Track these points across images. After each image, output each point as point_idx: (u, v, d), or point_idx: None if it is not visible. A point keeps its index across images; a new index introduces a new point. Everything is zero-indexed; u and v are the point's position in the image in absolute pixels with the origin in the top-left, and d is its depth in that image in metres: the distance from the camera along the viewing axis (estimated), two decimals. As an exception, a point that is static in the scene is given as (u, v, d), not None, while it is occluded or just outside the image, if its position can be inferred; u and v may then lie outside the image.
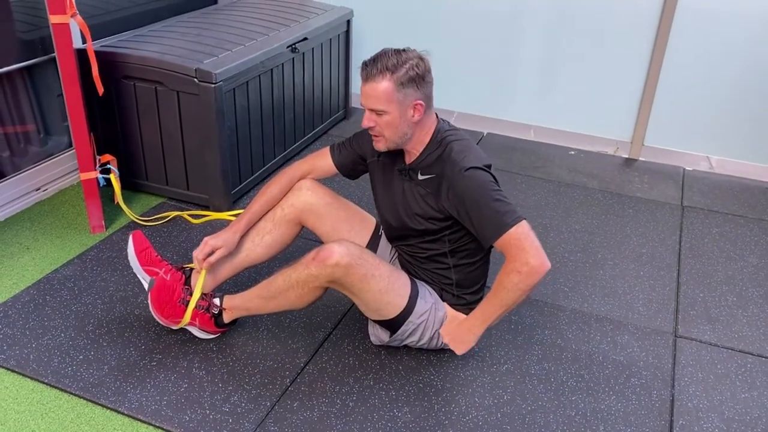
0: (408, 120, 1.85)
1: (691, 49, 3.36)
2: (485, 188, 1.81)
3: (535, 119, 3.84)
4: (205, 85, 2.65)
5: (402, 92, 1.80)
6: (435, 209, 1.91)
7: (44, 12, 2.39)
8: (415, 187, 1.95)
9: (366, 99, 1.84)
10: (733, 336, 2.29)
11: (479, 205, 1.80)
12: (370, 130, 1.90)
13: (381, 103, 1.81)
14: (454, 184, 1.84)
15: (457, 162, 1.84)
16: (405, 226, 2.00)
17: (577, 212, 3.05)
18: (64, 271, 2.47)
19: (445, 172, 1.86)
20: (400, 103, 1.82)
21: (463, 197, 1.82)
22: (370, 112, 1.85)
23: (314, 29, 3.33)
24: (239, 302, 2.07)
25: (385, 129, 1.86)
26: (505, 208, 1.79)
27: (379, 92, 1.80)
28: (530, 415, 1.94)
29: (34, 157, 2.95)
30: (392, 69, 1.79)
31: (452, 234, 1.95)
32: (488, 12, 3.66)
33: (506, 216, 1.78)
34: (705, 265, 2.68)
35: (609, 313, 2.38)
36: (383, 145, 1.91)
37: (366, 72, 1.82)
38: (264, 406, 1.92)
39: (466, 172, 1.82)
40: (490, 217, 1.79)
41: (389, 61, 1.80)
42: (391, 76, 1.79)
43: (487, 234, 1.81)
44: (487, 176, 1.84)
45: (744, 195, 3.27)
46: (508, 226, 1.77)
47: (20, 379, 1.99)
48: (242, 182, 3.01)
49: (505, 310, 1.87)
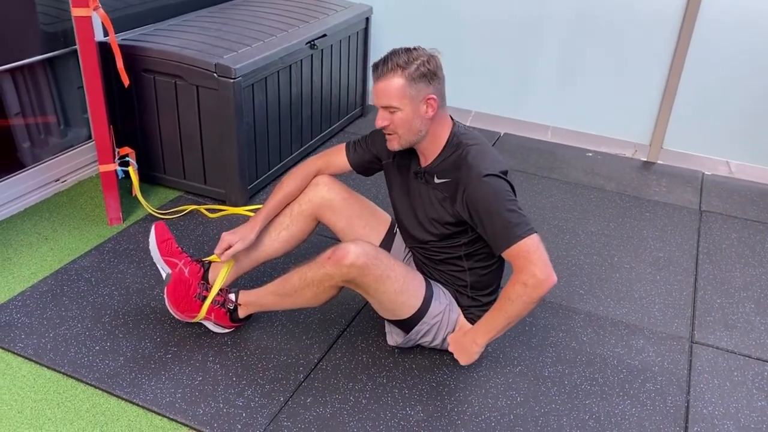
0: (421, 116, 1.84)
1: (713, 53, 3.33)
2: (500, 197, 1.80)
3: (552, 120, 3.82)
4: (225, 80, 2.66)
5: (414, 87, 1.80)
6: (450, 214, 1.90)
7: (67, 5, 2.42)
8: (432, 190, 1.94)
9: (379, 97, 1.84)
10: (751, 343, 2.27)
11: (492, 214, 1.80)
12: (383, 130, 1.89)
13: (394, 99, 1.81)
14: (469, 189, 1.82)
15: (474, 167, 1.83)
16: (423, 229, 1.99)
17: (594, 214, 3.03)
18: (81, 261, 2.49)
19: (461, 177, 1.85)
20: (413, 99, 1.81)
21: (477, 204, 1.82)
22: (383, 110, 1.84)
23: (333, 26, 3.33)
24: (254, 298, 2.08)
25: (399, 126, 1.84)
26: (517, 220, 1.79)
27: (391, 89, 1.80)
28: (543, 417, 1.93)
29: (54, 148, 2.98)
30: (403, 65, 1.79)
31: (468, 238, 1.94)
32: (508, 12, 3.65)
33: (518, 228, 1.78)
34: (723, 271, 2.66)
35: (624, 316, 2.37)
36: (397, 144, 1.89)
37: (378, 71, 1.82)
38: (277, 401, 1.93)
39: (484, 178, 1.80)
40: (501, 226, 1.79)
41: (400, 58, 1.80)
42: (403, 72, 1.79)
43: (498, 243, 1.82)
44: (503, 184, 1.83)
45: (763, 200, 3.23)
46: (519, 237, 1.77)
47: (37, 368, 2.01)
48: (259, 177, 3.02)
49: (509, 322, 1.87)
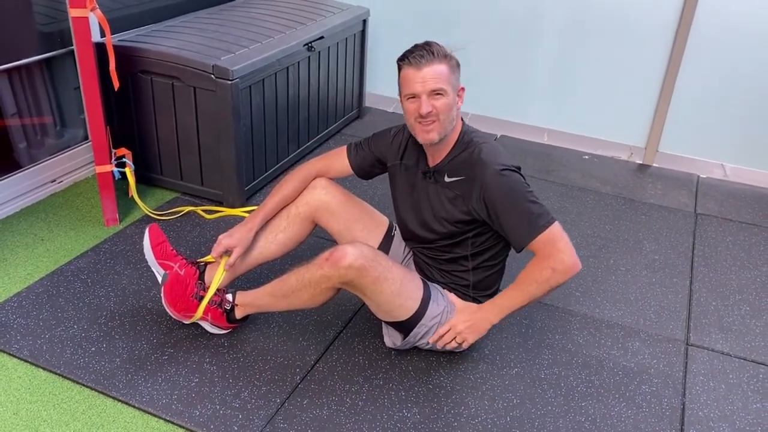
0: (456, 106, 1.88)
1: (709, 56, 3.34)
2: (520, 190, 1.83)
3: (549, 123, 3.83)
4: (222, 82, 2.66)
5: (454, 76, 1.85)
6: (463, 212, 1.90)
7: (64, 5, 2.41)
8: (442, 189, 1.94)
9: (425, 81, 1.80)
10: (746, 346, 2.28)
11: (513, 208, 1.82)
12: (426, 117, 1.83)
13: (442, 82, 1.81)
14: (487, 185, 1.83)
15: (489, 164, 1.84)
16: (430, 229, 1.99)
17: (590, 217, 3.04)
18: (77, 263, 2.49)
19: (476, 174, 1.86)
20: (453, 87, 1.85)
21: (496, 199, 1.83)
22: (428, 95, 1.82)
23: (330, 28, 3.33)
24: (252, 299, 2.08)
25: (442, 113, 1.83)
26: (539, 210, 1.82)
27: (440, 73, 1.81)
28: (539, 419, 1.94)
29: (50, 148, 2.97)
30: (444, 54, 1.83)
31: (476, 237, 1.95)
32: (504, 15, 3.66)
33: (540, 218, 1.81)
34: (718, 274, 2.67)
35: (620, 319, 2.38)
36: (436, 133, 1.85)
37: (421, 58, 1.80)
38: (274, 403, 1.93)
39: (502, 172, 1.83)
40: (525, 219, 1.81)
41: (438, 47, 1.83)
42: (445, 60, 1.82)
43: (521, 236, 1.82)
44: (520, 178, 1.86)
45: (758, 204, 3.24)
46: (543, 227, 1.80)
47: (33, 369, 2.01)
48: (256, 179, 3.02)
49: (526, 303, 1.88)
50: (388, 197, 2.20)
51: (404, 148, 2.06)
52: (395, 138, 2.09)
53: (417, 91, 1.82)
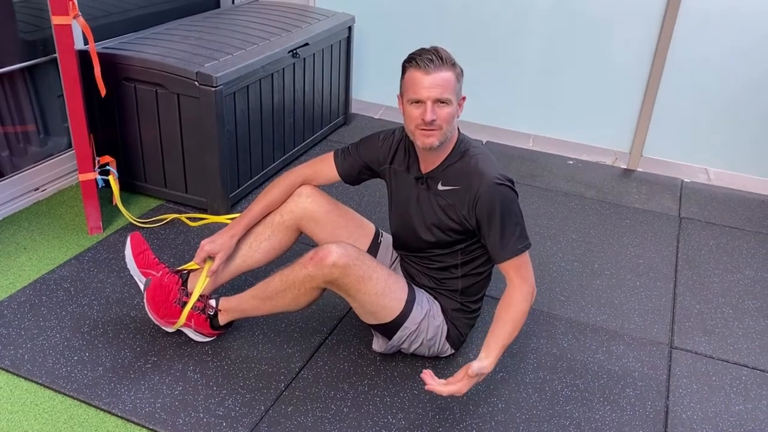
0: (457, 115, 1.86)
1: (691, 61, 3.38)
2: (511, 208, 1.84)
3: (534, 128, 3.85)
4: (206, 89, 2.65)
5: (459, 84, 1.82)
6: (455, 221, 1.90)
7: (46, 13, 2.40)
8: (434, 197, 1.93)
9: (433, 89, 1.76)
10: (729, 348, 2.29)
11: (501, 223, 1.83)
12: (430, 124, 1.80)
13: (448, 91, 1.78)
14: (481, 195, 1.83)
15: (487, 175, 1.84)
16: (417, 236, 1.99)
17: (575, 222, 3.05)
18: (60, 271, 2.47)
19: (472, 184, 1.85)
20: (457, 96, 1.83)
21: (488, 211, 1.83)
22: (433, 103, 1.78)
23: (315, 35, 3.34)
24: (235, 303, 2.07)
25: (445, 122, 1.80)
26: (522, 233, 1.86)
27: (447, 81, 1.78)
28: (524, 424, 1.94)
29: (33, 157, 2.95)
30: (452, 61, 1.80)
31: (467, 246, 1.95)
32: (489, 21, 3.68)
33: (519, 241, 1.84)
34: (701, 277, 2.69)
35: (605, 322, 2.39)
36: (437, 140, 1.83)
37: (431, 63, 1.76)
38: (258, 411, 1.92)
39: (498, 187, 1.83)
40: (508, 237, 1.84)
41: (446, 54, 1.79)
42: (452, 68, 1.79)
43: (501, 253, 1.85)
44: (513, 195, 1.86)
45: (741, 207, 3.27)
46: (522, 250, 1.84)
47: (14, 379, 1.99)
48: (241, 186, 3.02)
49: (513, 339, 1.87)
50: (375, 203, 2.20)
51: (393, 153, 2.04)
52: (384, 142, 2.06)
53: (423, 96, 1.77)
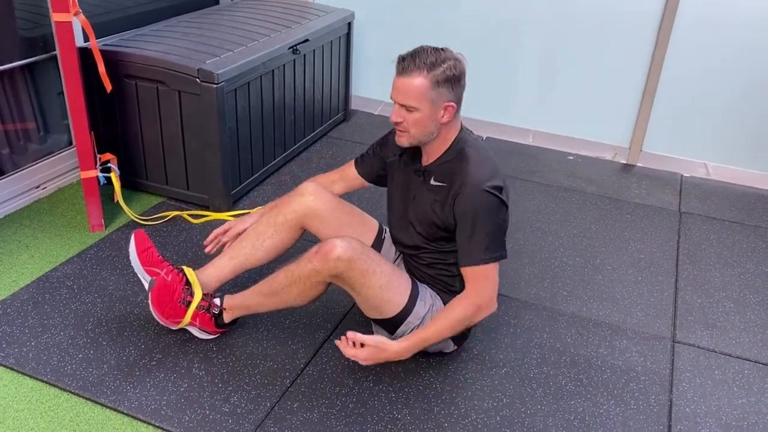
0: (437, 120, 1.83)
1: (690, 56, 3.38)
2: (489, 215, 1.83)
3: (534, 124, 3.85)
4: (207, 86, 2.65)
5: (436, 91, 1.77)
6: (439, 217, 1.91)
7: (46, 10, 2.40)
8: (427, 191, 1.95)
9: (397, 93, 1.80)
10: (731, 342, 2.31)
11: (474, 228, 1.83)
12: (396, 125, 1.86)
13: (412, 99, 1.78)
14: (461, 198, 1.83)
15: (470, 177, 1.83)
16: (409, 230, 2.00)
17: (576, 217, 3.06)
18: (63, 269, 2.47)
19: (455, 182, 1.86)
20: (432, 102, 1.79)
21: (463, 213, 1.84)
22: (399, 107, 1.82)
23: (315, 31, 3.33)
24: (240, 301, 2.08)
25: (412, 126, 1.83)
26: (495, 243, 1.84)
27: (412, 88, 1.77)
28: (529, 418, 1.95)
29: (34, 154, 2.94)
30: (430, 66, 1.76)
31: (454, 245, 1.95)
32: (489, 17, 3.68)
33: (489, 251, 1.83)
34: (702, 271, 2.70)
35: (607, 317, 2.39)
36: (406, 141, 1.87)
37: (402, 66, 1.78)
38: (264, 407, 1.92)
39: (478, 191, 1.81)
40: (476, 243, 1.83)
41: (428, 57, 1.76)
42: (428, 74, 1.75)
43: (466, 257, 1.86)
44: (496, 203, 1.83)
45: (741, 202, 3.28)
46: (490, 260, 1.84)
47: (19, 377, 1.99)
48: (242, 183, 3.02)
49: (436, 341, 1.92)
50: (378, 200, 2.20)
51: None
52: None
53: (391, 97, 1.84)
